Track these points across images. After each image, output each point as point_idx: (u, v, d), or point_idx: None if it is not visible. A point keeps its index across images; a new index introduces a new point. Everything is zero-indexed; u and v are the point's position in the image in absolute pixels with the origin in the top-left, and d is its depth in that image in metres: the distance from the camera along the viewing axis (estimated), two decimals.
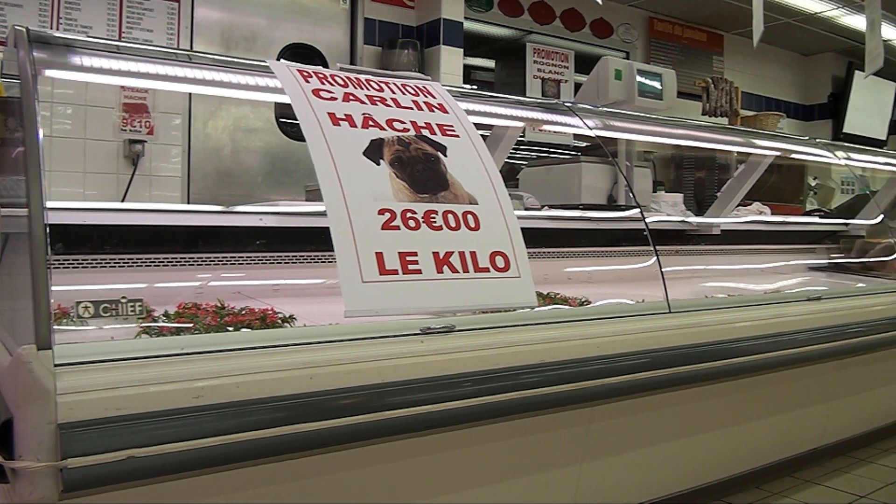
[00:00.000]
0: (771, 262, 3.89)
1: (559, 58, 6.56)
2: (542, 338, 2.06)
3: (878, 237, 4.15)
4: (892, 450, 3.83)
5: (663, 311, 2.42)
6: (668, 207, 3.68)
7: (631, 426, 2.54)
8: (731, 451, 3.04)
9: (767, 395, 3.05)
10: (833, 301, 3.10)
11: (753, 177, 3.85)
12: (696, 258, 3.61)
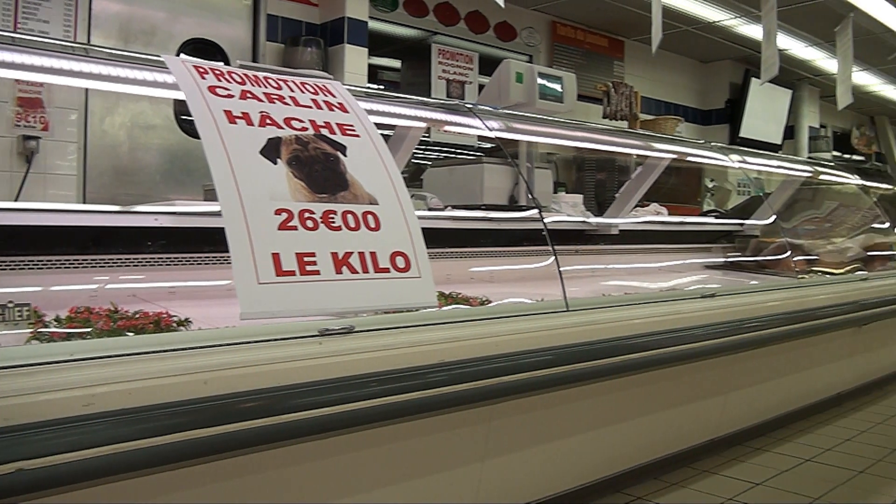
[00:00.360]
0: (668, 261, 4.01)
1: (464, 59, 6.61)
2: (443, 337, 2.07)
3: (772, 237, 4.32)
4: (785, 438, 3.99)
5: (561, 309, 2.46)
6: (569, 208, 3.74)
7: (532, 423, 2.58)
8: (631, 444, 3.12)
9: (665, 389, 3.14)
10: (727, 298, 3.21)
11: (650, 178, 3.95)
12: (596, 257, 3.69)
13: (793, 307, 3.53)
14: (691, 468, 3.44)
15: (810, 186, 5.22)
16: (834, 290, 3.96)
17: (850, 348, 4.53)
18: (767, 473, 3.45)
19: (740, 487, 3.25)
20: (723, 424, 3.63)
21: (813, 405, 4.43)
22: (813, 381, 4.35)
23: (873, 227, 5.21)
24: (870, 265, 4.76)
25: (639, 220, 4.00)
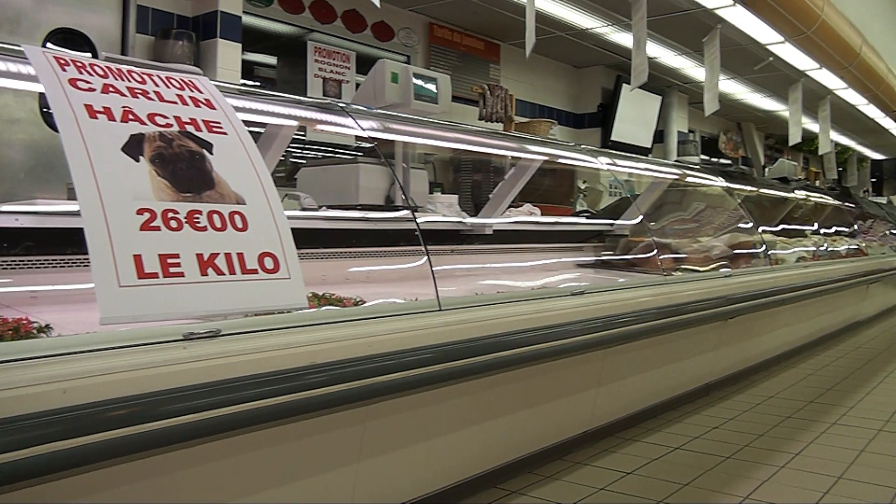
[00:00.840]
0: (541, 260, 4.08)
1: (340, 58, 6.56)
2: (314, 339, 2.03)
3: (640, 236, 4.46)
4: (656, 428, 4.13)
5: (434, 308, 2.46)
6: (444, 208, 3.76)
7: (408, 422, 2.57)
8: (507, 439, 3.16)
9: (538, 385, 3.19)
10: (596, 295, 3.29)
11: (523, 179, 4.01)
12: (471, 257, 3.72)
13: (661, 303, 3.64)
14: (565, 460, 3.52)
15: (678, 188, 5.43)
16: (700, 287, 4.12)
17: (716, 341, 4.73)
18: (638, 462, 3.56)
19: (612, 477, 3.34)
20: (595, 417, 3.72)
21: (682, 396, 4.61)
22: (682, 373, 4.52)
23: (738, 226, 5.46)
24: (734, 263, 4.99)
25: (512, 220, 4.06)
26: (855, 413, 4.61)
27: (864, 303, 8.56)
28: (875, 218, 10.11)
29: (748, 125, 12.05)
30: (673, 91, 9.47)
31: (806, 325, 6.62)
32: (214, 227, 1.92)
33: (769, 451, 3.79)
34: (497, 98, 6.40)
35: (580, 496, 3.11)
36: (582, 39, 7.51)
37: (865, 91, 9.60)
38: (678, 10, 6.22)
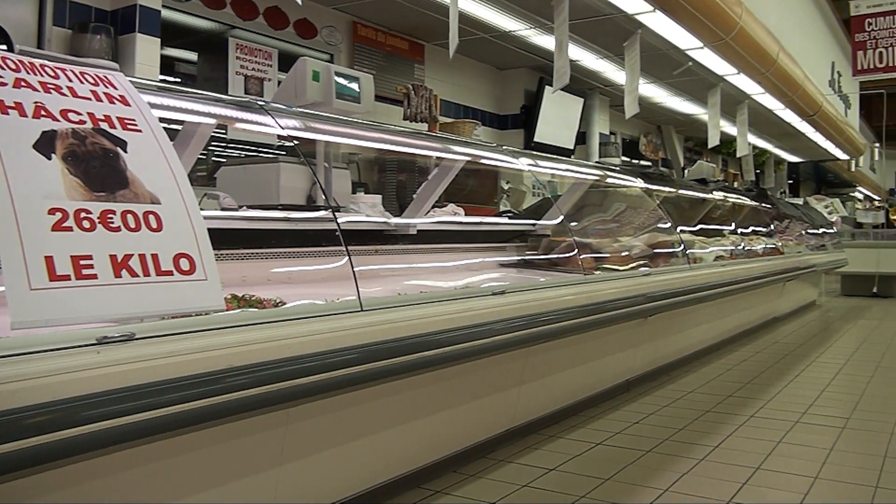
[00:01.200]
0: (465, 260, 4.09)
1: (263, 55, 6.47)
2: (231, 342, 1.99)
3: (562, 236, 4.51)
4: (578, 425, 4.18)
5: (355, 309, 2.45)
6: (367, 208, 3.75)
7: (330, 424, 2.56)
8: (430, 439, 3.16)
9: (462, 384, 3.21)
10: (517, 294, 3.31)
11: (446, 179, 4.02)
12: (395, 257, 3.72)
13: (581, 302, 3.69)
14: (489, 459, 3.54)
15: (599, 189, 5.51)
16: (620, 285, 4.19)
17: (636, 338, 4.82)
18: (561, 459, 3.60)
19: (535, 474, 3.37)
20: (518, 415, 3.76)
21: (604, 392, 4.68)
22: (603, 370, 4.60)
23: (657, 226, 5.57)
24: (654, 262, 5.09)
25: (436, 220, 4.07)
26: (772, 406, 4.75)
27: (781, 300, 8.84)
28: (791, 218, 10.43)
29: (668, 128, 12.32)
30: (595, 94, 9.62)
31: (724, 322, 6.79)
32: (128, 227, 1.87)
33: (689, 445, 3.88)
34: (421, 98, 6.42)
35: (503, 494, 3.13)
36: (505, 41, 7.57)
37: (782, 96, 9.89)
38: (600, 14, 6.31)
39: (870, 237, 13.30)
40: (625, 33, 6.67)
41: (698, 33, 6.83)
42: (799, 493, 3.21)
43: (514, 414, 3.72)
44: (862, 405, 4.82)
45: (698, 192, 7.00)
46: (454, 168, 4.05)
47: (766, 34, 8.22)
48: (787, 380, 5.58)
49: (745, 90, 9.40)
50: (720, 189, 7.62)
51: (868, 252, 12.68)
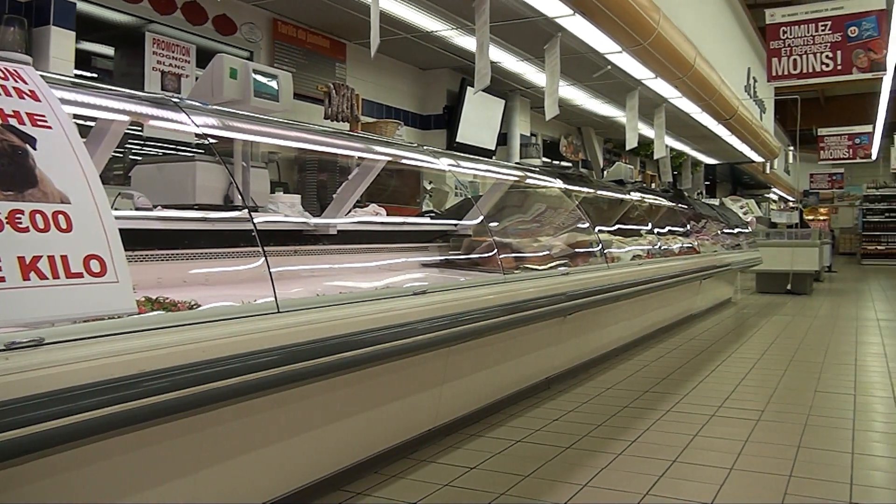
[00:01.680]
0: (386, 260, 4.08)
1: (181, 51, 6.34)
2: (144, 345, 1.95)
3: (482, 236, 4.54)
4: (499, 423, 4.21)
5: (272, 311, 2.42)
6: (286, 208, 3.70)
7: (248, 428, 2.52)
8: (351, 440, 3.15)
9: (383, 385, 3.20)
10: (438, 294, 3.32)
11: (367, 179, 4.00)
12: (315, 258, 3.68)
13: (501, 301, 3.72)
14: (411, 459, 3.54)
15: (520, 190, 5.56)
16: (540, 284, 4.23)
17: (556, 337, 4.88)
18: (482, 457, 3.62)
19: (456, 473, 3.39)
20: (440, 414, 3.77)
21: (525, 390, 4.73)
22: (524, 368, 4.64)
23: (577, 226, 5.65)
24: (573, 261, 5.16)
25: (356, 220, 4.05)
26: (689, 400, 4.87)
27: (698, 297, 9.06)
28: (708, 218, 10.70)
29: (588, 130, 12.51)
30: (516, 95, 9.70)
31: (642, 320, 6.93)
32: (37, 227, 1.82)
33: (607, 440, 3.95)
34: (343, 97, 6.38)
35: (424, 494, 3.14)
36: (427, 42, 7.57)
37: (699, 100, 10.13)
38: (520, 16, 6.37)
39: (784, 237, 13.73)
40: (545, 36, 6.75)
41: (617, 38, 6.94)
42: (714, 484, 3.30)
43: (436, 413, 3.73)
44: (776, 398, 4.98)
45: (616, 193, 7.12)
46: (375, 168, 4.03)
47: (684, 40, 8.41)
48: (703, 375, 5.72)
49: (663, 94, 9.60)
50: (637, 190, 7.77)
51: (782, 251, 13.11)
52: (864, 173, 31.82)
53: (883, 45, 10.37)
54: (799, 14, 10.91)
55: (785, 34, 10.91)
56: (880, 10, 10.39)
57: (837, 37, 10.59)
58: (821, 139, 23.01)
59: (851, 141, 22.66)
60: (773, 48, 10.98)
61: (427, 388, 3.56)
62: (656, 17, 7.16)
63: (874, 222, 27.66)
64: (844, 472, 3.49)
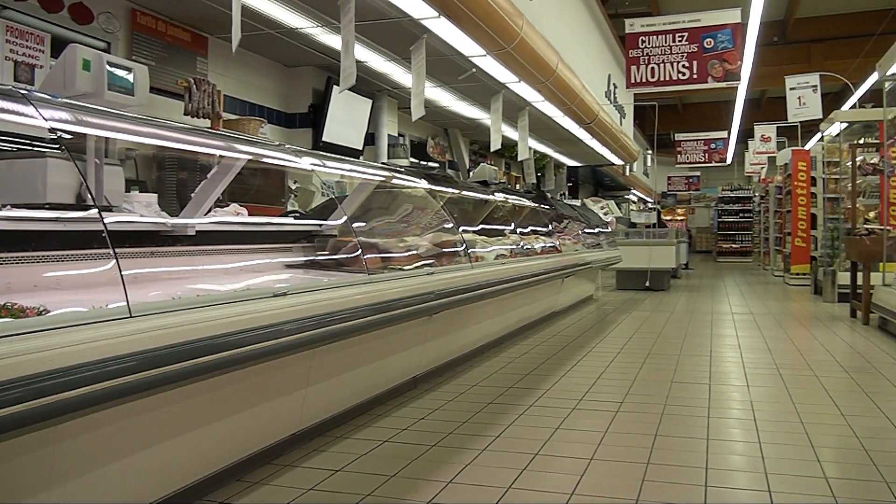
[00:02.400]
0: (249, 261, 4.00)
1: (35, 40, 6.00)
2: None
3: (347, 236, 4.52)
4: (365, 424, 4.21)
5: (124, 315, 2.33)
6: (143, 208, 3.57)
7: (103, 439, 2.42)
8: (212, 448, 3.06)
9: (245, 389, 3.14)
10: (301, 295, 3.27)
11: (227, 178, 3.91)
12: (174, 259, 3.56)
13: (366, 301, 3.71)
14: (274, 464, 3.49)
15: (386, 190, 5.57)
16: (405, 284, 4.25)
17: (422, 336, 4.91)
18: (347, 459, 3.61)
19: (321, 476, 3.36)
20: (305, 417, 3.73)
21: (392, 390, 4.75)
22: (390, 368, 4.65)
23: (442, 227, 5.71)
24: (438, 261, 5.21)
25: (216, 220, 3.94)
26: (551, 395, 5.00)
27: (560, 295, 9.31)
28: (570, 219, 11.00)
29: (455, 131, 12.64)
30: (383, 95, 9.69)
31: (506, 318, 7.07)
32: None
33: (472, 437, 4.01)
34: (204, 93, 6.20)
35: (288, 499, 3.10)
36: (292, 38, 7.45)
37: (561, 104, 10.39)
38: (386, 17, 6.36)
39: (643, 236, 14.29)
40: (412, 37, 6.77)
41: (481, 42, 7.04)
42: (575, 474, 3.41)
43: (301, 417, 3.69)
44: (634, 389, 5.18)
45: (480, 194, 7.23)
46: (235, 167, 3.94)
47: (547, 46, 8.61)
48: (565, 369, 5.89)
49: (527, 97, 9.79)
50: (501, 191, 7.91)
51: (641, 249, 13.67)
52: (719, 176, 33.57)
53: (737, 57, 10.96)
54: (657, 25, 11.39)
55: (644, 43, 11.36)
56: (735, 23, 10.99)
57: (694, 47, 11.12)
58: (678, 144, 24.15)
59: (707, 146, 23.88)
60: (632, 56, 11.43)
61: (291, 391, 3.51)
62: (520, 22, 7.31)
63: (729, 222, 29.30)
64: (700, 457, 3.68)
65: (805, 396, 5.00)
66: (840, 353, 6.80)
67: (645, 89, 11.62)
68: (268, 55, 8.28)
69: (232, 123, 6.59)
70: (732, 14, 11.07)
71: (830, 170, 13.31)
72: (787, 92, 15.48)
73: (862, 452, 3.78)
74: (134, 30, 6.70)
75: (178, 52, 7.07)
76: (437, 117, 11.52)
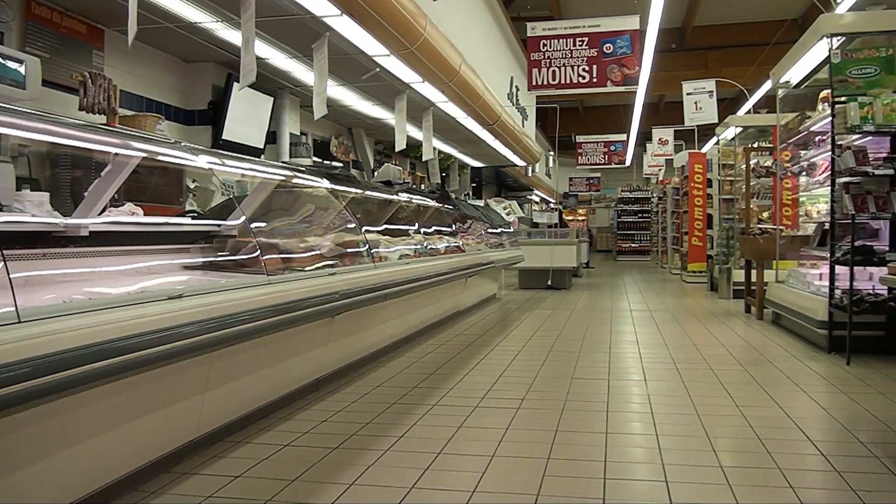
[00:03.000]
0: (145, 263, 3.89)
1: None
2: None
3: (247, 237, 4.44)
4: (267, 428, 4.17)
5: (12, 321, 2.23)
6: (34, 207, 3.43)
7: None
8: (106, 458, 2.98)
9: (140, 395, 3.06)
10: (198, 297, 3.20)
11: (122, 177, 3.79)
12: (68, 261, 3.43)
13: (266, 303, 3.66)
14: (172, 472, 3.42)
15: (287, 189, 5.50)
16: (306, 285, 4.21)
17: (325, 337, 4.88)
18: (248, 464, 3.57)
19: (220, 483, 3.31)
20: (203, 423, 3.66)
21: (294, 392, 4.71)
22: (292, 371, 4.61)
23: (345, 227, 5.68)
24: (341, 261, 5.18)
25: (111, 220, 3.82)
26: (454, 393, 5.05)
27: (464, 294, 9.39)
28: (473, 219, 11.10)
29: (359, 130, 12.57)
30: (285, 93, 9.55)
31: (411, 317, 7.09)
32: None
33: (376, 437, 4.01)
34: (100, 88, 5.99)
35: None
36: (191, 33, 7.26)
37: (465, 106, 10.45)
38: (288, 13, 6.28)
39: (545, 235, 14.54)
40: (314, 35, 6.70)
41: (385, 41, 7.01)
42: (477, 472, 3.45)
43: (199, 422, 3.61)
44: (536, 386, 5.27)
45: (384, 194, 7.22)
46: (129, 165, 3.81)
47: (450, 47, 8.64)
48: (468, 368, 5.95)
49: (431, 98, 9.81)
50: (406, 191, 7.92)
51: (543, 249, 13.91)
52: (619, 178, 34.42)
53: (636, 62, 11.26)
54: (558, 29, 11.59)
55: (545, 47, 11.56)
56: (634, 29, 11.29)
57: (594, 52, 11.36)
58: (579, 145, 24.67)
59: (607, 148, 24.47)
60: (533, 59, 11.61)
61: (188, 396, 3.44)
62: (423, 23, 7.32)
63: (628, 222, 30.09)
64: (599, 451, 3.78)
65: (701, 389, 5.19)
66: (735, 347, 7.07)
67: (546, 92, 11.82)
68: (166, 50, 8.06)
69: (128, 120, 6.39)
70: (631, 20, 11.37)
71: (725, 172, 13.82)
72: (685, 97, 16.02)
73: (756, 441, 3.95)
74: (28, 20, 6.43)
75: (73, 44, 6.82)
76: (340, 116, 11.44)
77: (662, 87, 19.94)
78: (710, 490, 3.24)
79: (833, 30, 6.72)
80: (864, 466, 3.54)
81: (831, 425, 4.30)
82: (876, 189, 6.39)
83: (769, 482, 3.34)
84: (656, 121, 23.88)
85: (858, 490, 3.21)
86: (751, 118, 12.88)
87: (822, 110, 6.96)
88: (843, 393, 5.08)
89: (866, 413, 4.54)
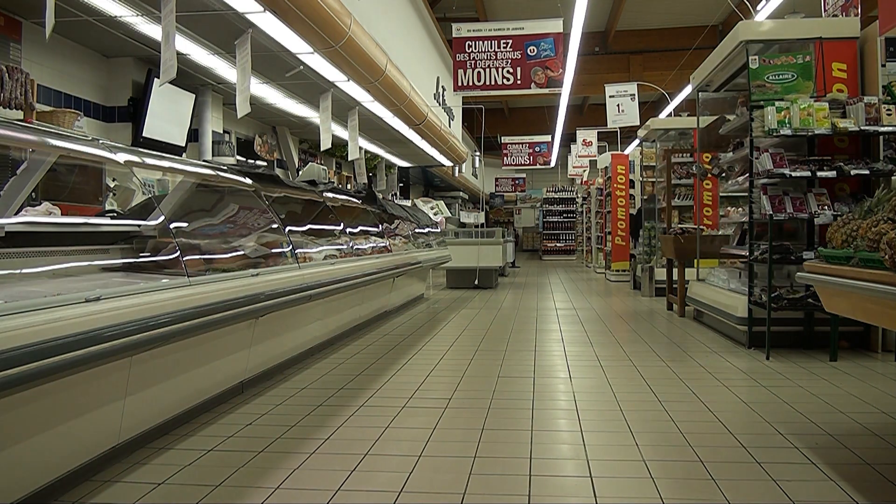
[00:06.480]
0: (62, 264, 3.78)
1: None
2: None
3: (168, 237, 4.34)
4: (190, 433, 4.08)
5: None
6: None
7: None
8: (22, 469, 2.87)
9: (55, 403, 2.96)
10: (115, 300, 3.11)
11: (37, 175, 3.67)
12: None
13: (187, 305, 3.59)
14: (93, 481, 3.32)
15: (210, 189, 5.38)
16: (228, 286, 4.14)
17: (248, 339, 4.81)
18: (171, 471, 3.49)
19: (144, 490, 3.23)
20: (125, 429, 3.57)
21: (217, 396, 4.62)
22: (216, 374, 4.52)
23: (269, 227, 5.59)
24: (264, 262, 5.11)
25: (26, 220, 3.69)
26: (382, 394, 5.03)
27: (391, 294, 9.37)
28: (400, 219, 11.08)
29: (283, 129, 12.43)
30: (207, 90, 9.38)
31: (337, 318, 7.04)
32: None
33: (301, 440, 3.97)
34: (16, 82, 5.79)
35: None
36: (111, 27, 7.06)
37: (391, 105, 10.43)
38: (209, 9, 6.16)
39: (472, 235, 14.62)
40: (236, 31, 6.60)
41: (308, 39, 6.95)
42: (404, 472, 3.45)
43: (120, 429, 3.52)
44: (462, 385, 5.29)
45: (309, 194, 7.15)
46: (47, 163, 3.70)
47: (375, 46, 8.61)
48: (396, 368, 5.93)
49: (356, 97, 9.77)
50: (331, 190, 7.84)
51: (470, 249, 13.98)
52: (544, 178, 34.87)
53: (559, 65, 11.41)
54: (483, 30, 11.68)
55: (470, 48, 11.63)
56: (557, 32, 11.44)
57: (518, 54, 11.48)
58: (505, 146, 24.91)
59: (532, 149, 24.76)
60: (458, 60, 11.67)
61: (108, 402, 3.35)
62: (348, 21, 7.28)
63: (553, 222, 30.52)
64: (525, 448, 3.81)
65: (624, 385, 5.28)
66: (657, 343, 7.22)
67: (472, 93, 11.90)
68: (86, 44, 7.83)
69: (46, 115, 6.19)
70: (555, 24, 11.52)
71: (647, 173, 14.09)
72: (607, 99, 16.32)
73: (678, 435, 4.03)
74: None
75: None
76: (264, 115, 11.29)
77: (586, 89, 20.25)
78: (633, 484, 3.29)
79: (752, 36, 6.93)
80: (784, 457, 3.64)
81: (752, 418, 4.42)
82: (793, 190, 6.60)
83: (692, 475, 3.41)
84: (580, 122, 24.29)
85: (779, 480, 3.30)
86: (671, 121, 13.19)
87: (741, 114, 7.15)
88: (763, 386, 5.23)
89: (785, 405, 4.68)
